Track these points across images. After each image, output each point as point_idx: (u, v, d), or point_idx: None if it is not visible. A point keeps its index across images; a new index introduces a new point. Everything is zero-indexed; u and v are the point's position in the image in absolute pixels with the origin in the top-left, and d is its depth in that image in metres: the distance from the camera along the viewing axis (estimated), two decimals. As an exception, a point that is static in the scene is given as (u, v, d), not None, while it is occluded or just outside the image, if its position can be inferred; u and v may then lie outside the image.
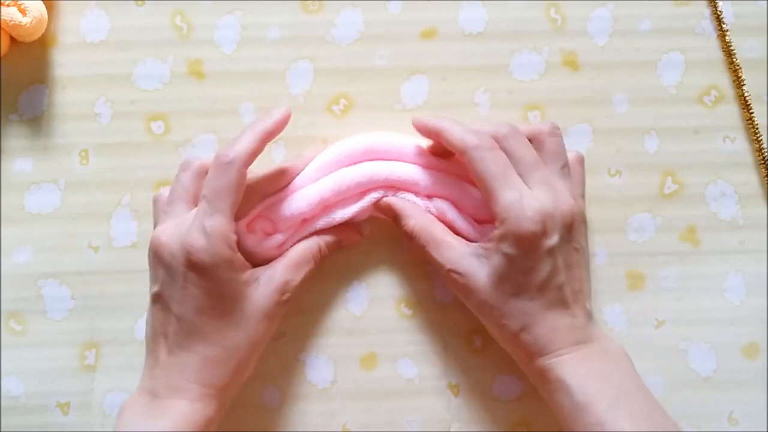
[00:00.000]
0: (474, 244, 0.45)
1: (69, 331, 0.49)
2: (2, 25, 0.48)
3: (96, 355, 0.49)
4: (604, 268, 0.50)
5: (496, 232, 0.43)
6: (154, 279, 0.45)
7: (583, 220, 0.47)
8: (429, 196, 0.47)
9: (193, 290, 0.43)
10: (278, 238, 0.46)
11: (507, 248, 0.43)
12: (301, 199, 0.46)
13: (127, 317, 0.49)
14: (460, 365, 0.49)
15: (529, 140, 0.46)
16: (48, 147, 0.50)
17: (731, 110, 0.51)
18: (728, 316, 0.50)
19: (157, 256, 0.44)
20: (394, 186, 0.47)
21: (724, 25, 0.51)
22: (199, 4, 0.51)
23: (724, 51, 0.51)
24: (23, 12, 0.48)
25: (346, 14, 0.51)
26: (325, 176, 0.47)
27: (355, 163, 0.47)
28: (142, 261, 0.50)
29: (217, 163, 0.43)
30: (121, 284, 0.50)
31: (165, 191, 0.47)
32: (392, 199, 0.47)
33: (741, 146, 0.51)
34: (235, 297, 0.43)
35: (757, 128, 0.51)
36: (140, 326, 0.49)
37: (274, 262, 0.46)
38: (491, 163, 0.44)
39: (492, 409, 0.49)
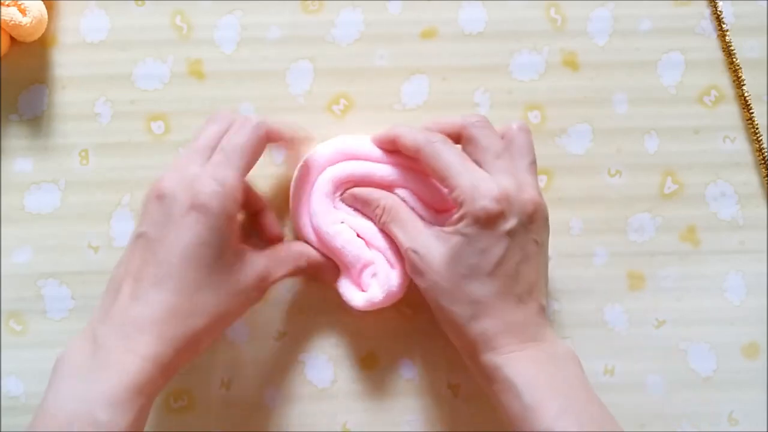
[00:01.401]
0: (436, 227, 0.45)
1: (69, 331, 0.49)
2: (2, 25, 0.48)
3: (96, 355, 0.49)
4: (604, 268, 0.50)
5: (455, 215, 0.43)
6: (143, 219, 0.43)
7: (546, 218, 0.45)
8: (389, 187, 0.47)
9: (186, 234, 0.41)
10: None
11: (464, 228, 0.43)
12: (304, 232, 0.48)
13: (127, 317, 0.49)
14: (460, 365, 0.49)
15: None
16: (48, 147, 0.50)
17: (731, 110, 0.51)
18: (728, 316, 0.50)
19: (157, 197, 0.42)
20: (357, 182, 0.48)
21: (724, 25, 0.51)
22: (199, 4, 0.51)
23: (724, 51, 0.51)
24: (23, 12, 0.48)
25: (346, 14, 0.51)
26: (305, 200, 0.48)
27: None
28: (142, 261, 0.50)
29: (242, 121, 0.44)
30: (121, 284, 0.50)
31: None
32: (356, 190, 0.47)
33: (741, 146, 0.51)
34: (221, 256, 0.42)
35: (757, 128, 0.51)
36: (140, 326, 0.49)
37: (266, 249, 0.46)
38: (445, 154, 0.44)
39: (492, 409, 0.49)
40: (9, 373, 0.49)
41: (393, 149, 0.47)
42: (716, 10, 0.51)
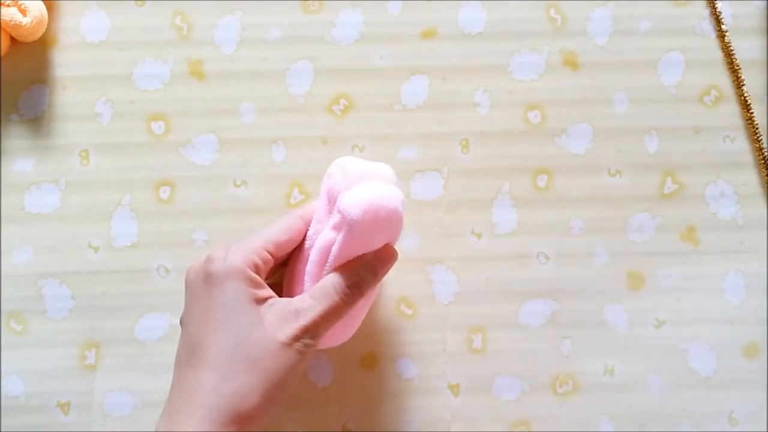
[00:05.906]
0: None
1: (69, 331, 0.49)
2: (2, 25, 0.48)
3: (96, 355, 0.49)
4: (604, 268, 0.50)
5: None
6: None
7: None
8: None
9: (205, 303, 0.41)
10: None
11: None
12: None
13: (127, 317, 0.49)
14: (460, 365, 0.49)
15: None
16: (48, 147, 0.51)
17: (731, 110, 0.51)
18: (728, 316, 0.50)
19: (185, 288, 0.42)
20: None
21: (723, 26, 0.51)
22: (200, 5, 0.51)
23: (723, 51, 0.51)
24: (23, 12, 0.48)
25: (346, 14, 0.51)
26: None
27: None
28: (142, 261, 0.50)
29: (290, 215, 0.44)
30: (121, 284, 0.50)
31: None
32: None
33: (741, 146, 0.51)
34: (244, 312, 0.40)
35: (757, 128, 0.51)
36: (140, 326, 0.49)
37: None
38: None
39: (492, 409, 0.49)
40: (9, 373, 0.49)
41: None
42: (715, 10, 0.51)
